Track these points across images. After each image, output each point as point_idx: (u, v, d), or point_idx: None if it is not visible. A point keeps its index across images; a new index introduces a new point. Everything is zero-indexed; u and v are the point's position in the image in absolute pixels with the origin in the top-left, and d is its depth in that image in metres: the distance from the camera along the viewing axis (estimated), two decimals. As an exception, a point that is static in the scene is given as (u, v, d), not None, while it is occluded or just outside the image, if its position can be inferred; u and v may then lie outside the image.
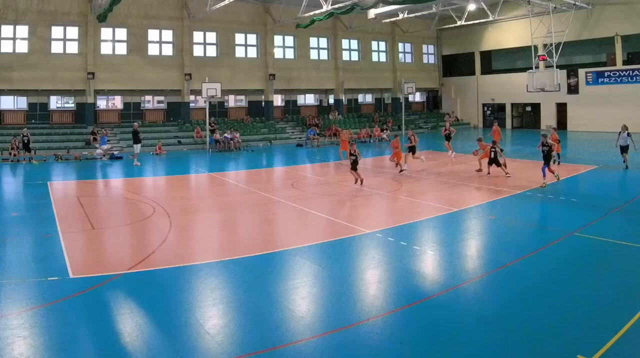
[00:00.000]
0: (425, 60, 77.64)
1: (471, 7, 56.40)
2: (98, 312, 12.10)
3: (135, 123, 45.06)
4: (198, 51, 56.90)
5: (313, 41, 65.24)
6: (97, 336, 10.92)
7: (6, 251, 17.22)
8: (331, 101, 68.14)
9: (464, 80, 74.42)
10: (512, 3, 57.16)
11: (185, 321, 11.65)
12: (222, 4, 46.20)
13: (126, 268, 15.11)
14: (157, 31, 54.25)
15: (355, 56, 69.51)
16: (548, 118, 64.25)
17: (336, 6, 47.07)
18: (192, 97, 56.55)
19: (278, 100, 64.85)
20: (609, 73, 57.96)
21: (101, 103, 54.33)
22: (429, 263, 16.02)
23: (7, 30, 47.14)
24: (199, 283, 14.14)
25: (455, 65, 76.77)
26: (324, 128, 59.49)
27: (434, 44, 77.79)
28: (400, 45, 73.59)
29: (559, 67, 53.21)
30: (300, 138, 56.82)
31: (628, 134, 32.04)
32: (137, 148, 40.21)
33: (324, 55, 66.59)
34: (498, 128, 40.20)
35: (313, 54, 65.68)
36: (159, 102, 57.13)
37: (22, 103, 50.26)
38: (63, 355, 10.12)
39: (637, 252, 16.26)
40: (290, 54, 63.76)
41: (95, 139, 46.23)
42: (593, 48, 60.04)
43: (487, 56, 72.16)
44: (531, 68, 53.99)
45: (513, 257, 15.89)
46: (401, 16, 60.63)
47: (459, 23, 61.05)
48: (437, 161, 37.85)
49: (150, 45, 53.94)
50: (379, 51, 72.04)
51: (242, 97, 62.78)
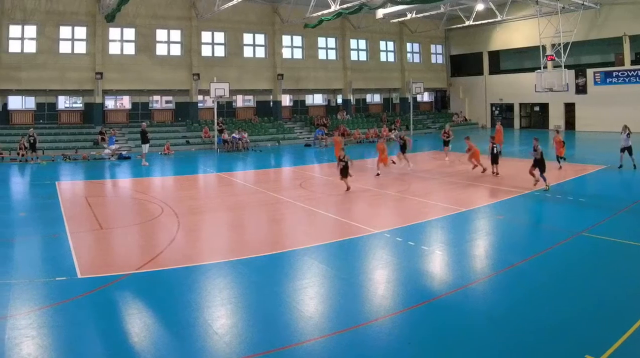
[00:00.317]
0: (433, 60, 77.40)
1: (479, 7, 56.21)
2: (106, 312, 12.11)
3: (143, 123, 45.08)
4: (206, 51, 56.86)
5: (321, 41, 65.11)
6: (106, 336, 10.94)
7: (15, 251, 17.27)
8: (339, 101, 68.02)
9: (472, 80, 74.14)
10: (521, 3, 56.96)
11: (193, 321, 11.66)
12: (230, 4, 46.16)
13: (134, 268, 15.12)
14: (166, 31, 54.22)
15: (363, 56, 69.35)
16: (556, 118, 64.06)
17: (344, 6, 46.97)
18: (200, 97, 56.52)
19: (286, 100, 64.77)
20: (617, 73, 57.60)
21: (109, 103, 54.36)
22: (437, 263, 16.04)
23: (16, 30, 47.18)
24: (207, 283, 14.15)
25: (463, 65, 76.46)
26: (332, 128, 59.28)
27: (442, 44, 77.58)
28: (408, 45, 73.40)
29: (567, 67, 53.09)
30: (308, 138, 56.76)
31: (628, 135, 31.55)
32: (146, 148, 40.19)
33: (332, 55, 66.43)
34: (501, 127, 40.16)
35: (321, 54, 65.56)
36: (167, 102, 57.10)
37: (30, 103, 50.29)
38: (71, 355, 10.19)
39: (646, 252, 16.17)
40: (298, 54, 63.66)
41: (103, 139, 46.23)
42: (601, 48, 59.73)
43: (496, 56, 71.87)
44: (539, 68, 53.92)
45: (521, 257, 15.89)
46: (409, 16, 60.47)
47: (467, 23, 60.88)
48: (443, 161, 37.74)
49: (158, 45, 53.92)
50: (387, 51, 71.85)
51: (250, 97, 62.73)
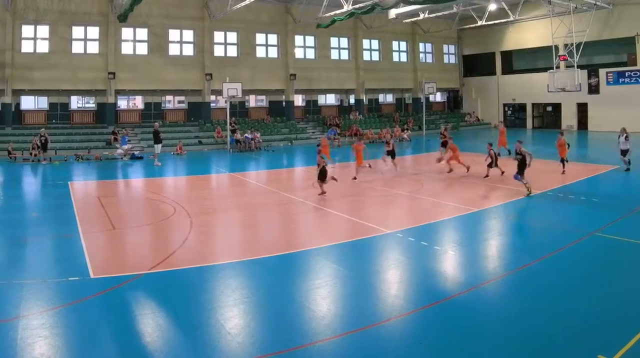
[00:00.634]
0: (446, 60, 77.14)
1: (492, 7, 55.99)
2: (119, 313, 12.14)
3: (156, 123, 44.96)
4: (219, 51, 56.85)
5: (334, 41, 64.97)
6: (118, 336, 10.99)
7: (27, 251, 17.35)
8: (352, 101, 67.83)
9: (485, 80, 73.88)
10: (533, 3, 56.77)
11: (206, 321, 11.70)
12: (243, 4, 46.06)
13: (147, 268, 15.11)
14: (178, 31, 54.20)
15: (376, 56, 69.16)
16: (569, 118, 63.93)
17: (357, 6, 46.92)
18: (213, 97, 56.53)
19: (299, 100, 64.68)
20: (630, 73, 57.17)
21: (122, 103, 54.41)
22: (450, 263, 16.13)
23: (28, 30, 47.30)
24: (220, 283, 14.16)
25: (476, 65, 76.18)
26: (345, 128, 59.31)
27: (455, 44, 77.29)
28: (421, 45, 73.11)
29: (580, 67, 52.79)
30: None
31: (626, 138, 30.78)
32: (158, 148, 40.20)
33: (345, 55, 66.26)
34: (504, 129, 40.03)
35: (334, 54, 65.41)
36: (180, 102, 57.11)
37: (43, 103, 50.45)
38: (84, 355, 10.26)
39: (658, 252, 16.15)
40: (311, 54, 63.56)
41: (116, 139, 46.26)
42: (614, 48, 59.29)
43: (508, 56, 71.54)
44: (552, 68, 53.68)
45: (534, 257, 15.88)
46: (422, 16, 60.22)
47: (480, 23, 60.56)
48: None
49: (171, 45, 53.94)
50: (400, 51, 71.60)
51: (263, 97, 62.68)
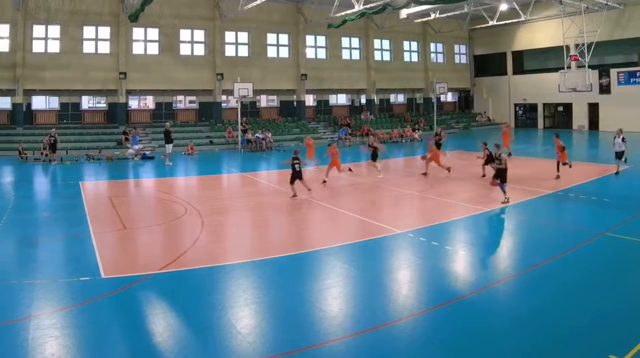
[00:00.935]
0: (457, 60, 76.98)
1: (503, 7, 55.91)
2: (130, 312, 12.21)
3: (167, 123, 45.06)
4: (230, 51, 56.82)
5: (345, 41, 64.87)
6: (129, 336, 11.08)
7: (38, 251, 17.46)
8: (363, 101, 67.79)
9: (496, 80, 73.67)
10: (544, 3, 56.58)
11: (217, 321, 11.75)
12: (254, 4, 46.09)
13: (158, 268, 15.14)
14: (189, 31, 54.23)
15: (387, 56, 69.06)
16: (580, 118, 63.90)
17: (368, 6, 46.82)
18: (224, 97, 56.44)
19: (310, 100, 64.66)
20: (641, 73, 57.18)
21: (133, 103, 54.55)
22: (461, 263, 16.27)
23: (39, 30, 47.40)
24: (231, 283, 14.23)
25: (487, 65, 75.97)
26: (356, 128, 59.22)
27: (466, 44, 77.09)
28: (432, 45, 72.99)
29: (591, 67, 52.56)
30: (332, 138, 56.36)
31: (623, 139, 30.13)
32: (169, 148, 40.19)
33: (356, 55, 66.19)
34: (508, 130, 39.95)
35: (345, 54, 65.33)
36: (191, 102, 57.20)
37: (54, 103, 50.57)
38: (95, 355, 10.28)
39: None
40: (322, 54, 63.47)
41: (127, 139, 46.30)
42: (625, 48, 59.07)
43: (519, 56, 71.35)
44: (563, 68, 53.50)
45: (545, 257, 15.91)
46: (433, 16, 60.18)
47: (491, 23, 60.38)
48: (468, 161, 37.36)
49: (182, 45, 53.96)
50: (411, 51, 71.50)
51: (274, 97, 62.72)
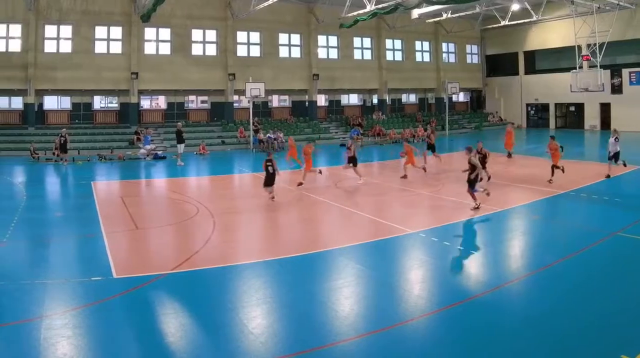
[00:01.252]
0: (468, 60, 76.84)
1: (515, 7, 55.75)
2: (142, 313, 12.23)
3: (178, 123, 45.18)
4: (242, 51, 56.89)
5: (357, 41, 64.86)
6: (141, 336, 11.13)
7: (50, 251, 17.52)
8: (375, 101, 67.75)
9: (508, 80, 73.56)
10: (556, 3, 56.33)
11: (229, 321, 11.78)
12: (266, 4, 46.08)
13: (170, 268, 15.15)
14: (201, 31, 54.37)
15: (398, 56, 69.05)
16: (592, 118, 63.85)
17: (380, 6, 46.74)
18: (236, 97, 56.53)
19: (322, 100, 64.69)
20: (653, 73, 56.99)
21: (145, 103, 54.71)
22: (473, 263, 16.24)
23: (51, 30, 47.63)
24: (243, 283, 14.17)
25: (499, 65, 75.82)
26: (368, 128, 59.15)
27: (478, 44, 76.92)
28: (443, 45, 72.88)
29: (603, 67, 52.33)
30: (343, 138, 56.23)
31: (616, 139, 29.26)
32: (181, 148, 40.24)
33: (368, 55, 66.15)
34: (512, 130, 39.77)
35: (357, 54, 65.33)
36: (203, 102, 57.37)
37: (66, 103, 50.77)
38: (107, 355, 10.24)
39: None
40: (333, 54, 63.53)
41: (139, 139, 46.37)
42: (637, 48, 58.74)
43: (531, 56, 71.24)
44: (575, 68, 53.36)
45: (557, 257, 15.89)
46: (445, 16, 60.03)
47: (503, 23, 60.27)
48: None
49: (194, 45, 54.13)
50: (423, 51, 71.38)
51: (286, 97, 62.84)
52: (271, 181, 25.01)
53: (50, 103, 50.14)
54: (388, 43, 67.30)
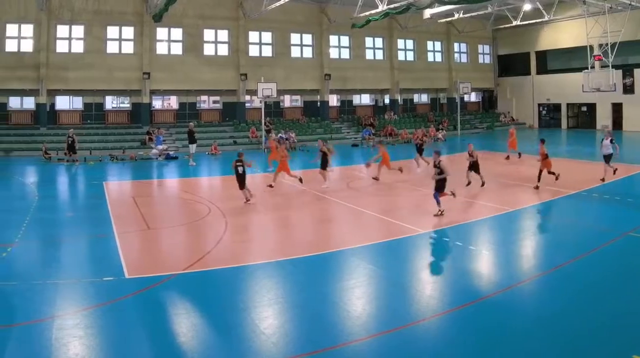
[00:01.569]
0: (480, 60, 76.53)
1: (527, 7, 55.54)
2: (153, 313, 12.29)
3: (190, 123, 45.14)
4: (253, 51, 56.89)
5: (368, 41, 64.72)
6: (153, 336, 11.15)
7: (62, 251, 17.61)
8: (387, 101, 67.61)
9: (520, 80, 73.29)
10: (568, 3, 55.95)
11: (240, 321, 11.82)
12: (278, 4, 45.99)
13: (182, 268, 15.18)
14: (213, 31, 54.36)
15: (410, 56, 68.83)
16: (603, 118, 63.61)
17: (392, 6, 46.56)
18: (248, 97, 56.54)
19: (333, 100, 64.54)
20: (665, 73, 56.69)
21: (157, 103, 54.76)
22: (485, 263, 16.26)
23: (63, 30, 47.70)
24: (255, 283, 14.30)
25: (510, 65, 75.52)
26: (380, 128, 59.03)
27: (490, 44, 76.61)
28: (455, 45, 72.67)
29: (615, 67, 51.90)
30: (355, 138, 56.43)
31: (611, 141, 28.51)
32: (193, 148, 40.21)
33: (380, 55, 66.01)
34: (514, 131, 39.70)
35: (369, 54, 65.20)
36: (215, 102, 57.36)
37: (78, 103, 50.85)
38: (118, 355, 10.29)
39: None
40: (345, 54, 63.37)
41: (150, 139, 46.43)
42: (649, 48, 58.71)
43: (543, 56, 70.93)
44: (587, 68, 53.01)
45: (569, 257, 15.92)
46: (456, 16, 59.82)
47: (515, 23, 59.84)
48: (492, 161, 37.22)
49: (205, 45, 54.11)
50: (435, 51, 71.20)
51: (298, 97, 62.77)
52: (243, 182, 24.77)
53: (62, 103, 50.22)
54: (400, 43, 67.12)
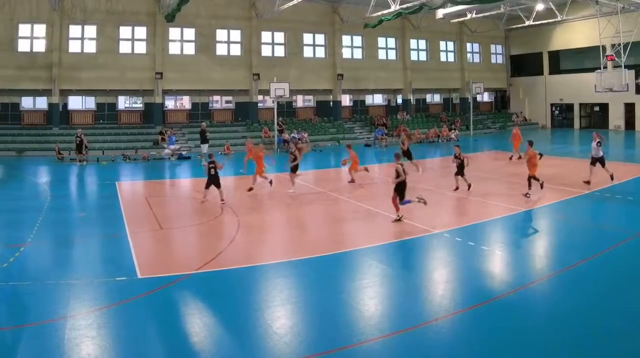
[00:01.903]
0: (493, 60, 76.29)
1: (539, 7, 55.38)
2: (166, 313, 12.30)
3: (203, 123, 45.15)
4: (266, 51, 56.92)
5: (381, 41, 64.61)
6: (166, 336, 11.18)
7: (75, 251, 17.66)
8: (399, 101, 67.52)
9: (532, 80, 73.11)
10: (581, 3, 55.72)
11: (253, 321, 11.81)
12: (290, 4, 45.95)
13: (194, 268, 15.20)
14: (225, 31, 54.43)
15: (423, 56, 68.73)
16: (616, 118, 63.49)
17: (404, 6, 46.49)
18: (260, 97, 56.58)
19: (346, 100, 64.51)
20: (677, 73, 56.47)
21: (169, 103, 54.86)
22: (497, 263, 16.22)
23: (76, 30, 47.88)
24: (267, 283, 14.32)
25: (523, 65, 75.35)
26: (392, 128, 58.91)
27: (502, 44, 76.38)
28: (468, 45, 72.45)
29: (627, 67, 51.73)
30: (368, 138, 56.40)
31: (599, 144, 28.12)
32: (205, 148, 40.17)
33: (392, 55, 65.89)
34: (518, 132, 39.43)
35: (381, 54, 65.10)
36: (227, 102, 57.41)
37: (91, 103, 51.01)
38: (131, 355, 10.33)
39: None
40: (358, 54, 63.34)
41: (163, 139, 46.50)
42: (661, 48, 58.46)
43: (555, 56, 70.74)
44: (599, 68, 52.85)
45: (581, 257, 15.90)
46: (469, 16, 59.69)
47: (527, 23, 59.75)
48: (504, 161, 37.24)
49: (218, 45, 54.21)
50: (447, 51, 71.03)
51: (310, 97, 62.78)
52: (217, 183, 24.97)
53: (74, 103, 50.39)
54: (412, 43, 67.01)
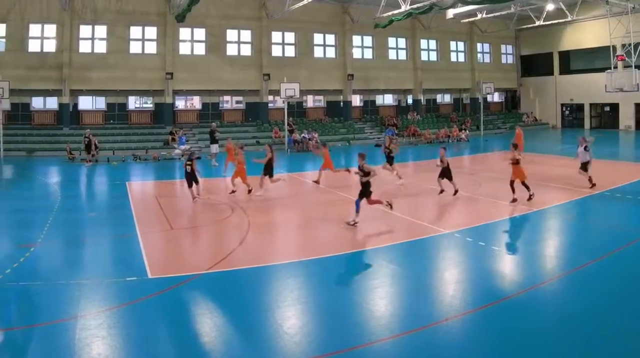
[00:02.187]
0: (503, 60, 76.10)
1: (550, 7, 55.23)
2: (176, 313, 12.34)
3: (213, 123, 45.12)
4: (276, 51, 57.02)
5: (391, 41, 64.57)
6: (176, 336, 11.17)
7: (85, 251, 17.67)
8: (410, 101, 67.38)
9: (543, 80, 72.95)
10: (591, 3, 55.51)
11: (264, 321, 11.75)
12: (301, 4, 45.93)
13: (205, 268, 15.17)
14: (236, 31, 54.50)
15: (433, 56, 68.58)
16: (627, 118, 63.29)
17: (414, 6, 46.41)
18: (271, 97, 56.74)
19: (356, 100, 64.47)
20: (688, 73, 56.17)
21: (180, 103, 54.98)
22: (508, 263, 16.23)
23: (86, 30, 48.05)
24: (278, 283, 14.36)
25: (533, 65, 75.17)
26: (403, 128, 58.90)
27: (513, 44, 76.14)
28: (478, 45, 72.27)
29: (638, 67, 51.46)
30: (378, 138, 56.00)
31: (585, 148, 27.33)
32: (215, 148, 40.23)
33: (403, 55, 65.81)
34: (521, 131, 39.31)
35: (391, 54, 65.04)
36: (238, 102, 57.47)
37: (101, 103, 51.17)
38: (142, 355, 10.36)
39: None
40: (368, 54, 63.32)
41: (173, 139, 46.56)
42: (672, 48, 58.19)
43: (566, 56, 70.50)
44: (610, 68, 52.67)
45: (592, 257, 15.84)
46: (479, 16, 59.58)
47: (538, 23, 59.53)
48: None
49: (228, 45, 54.29)
50: (458, 51, 70.87)
51: (321, 97, 62.78)
52: (194, 180, 25.15)
53: (85, 103, 50.55)
54: (423, 43, 66.92)
